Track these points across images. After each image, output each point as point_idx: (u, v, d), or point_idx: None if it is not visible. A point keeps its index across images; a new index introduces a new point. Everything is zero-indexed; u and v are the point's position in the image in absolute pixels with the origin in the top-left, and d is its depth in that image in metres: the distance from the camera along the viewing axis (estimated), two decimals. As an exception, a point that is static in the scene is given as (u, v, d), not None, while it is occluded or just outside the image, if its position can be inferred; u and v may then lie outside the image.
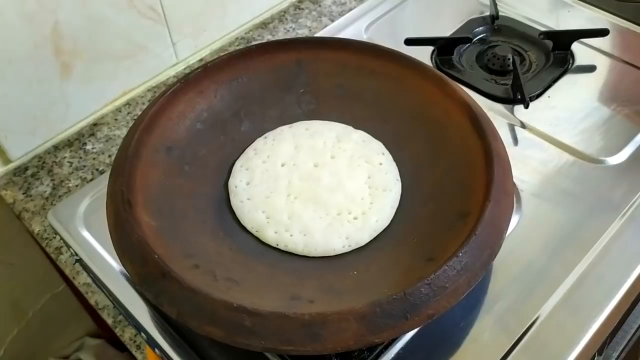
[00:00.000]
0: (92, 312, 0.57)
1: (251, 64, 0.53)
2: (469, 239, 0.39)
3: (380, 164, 0.50)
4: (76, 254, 0.53)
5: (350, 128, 0.53)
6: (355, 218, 0.47)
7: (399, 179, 0.49)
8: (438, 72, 0.52)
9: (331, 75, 0.54)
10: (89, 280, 0.52)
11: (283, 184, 0.49)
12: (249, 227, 0.47)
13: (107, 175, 0.46)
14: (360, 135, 0.52)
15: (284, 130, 0.53)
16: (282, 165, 0.50)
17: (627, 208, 0.52)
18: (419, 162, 0.50)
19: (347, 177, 0.49)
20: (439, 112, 0.50)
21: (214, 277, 0.41)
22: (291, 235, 0.46)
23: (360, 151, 0.51)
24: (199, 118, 0.51)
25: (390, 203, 0.48)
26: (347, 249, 0.46)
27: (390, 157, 0.51)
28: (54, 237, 0.56)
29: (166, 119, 0.49)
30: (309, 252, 0.46)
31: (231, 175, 0.51)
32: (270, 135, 0.53)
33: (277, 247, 0.47)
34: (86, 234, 0.54)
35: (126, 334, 0.50)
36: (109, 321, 0.51)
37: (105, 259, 0.52)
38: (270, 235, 0.47)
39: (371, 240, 0.46)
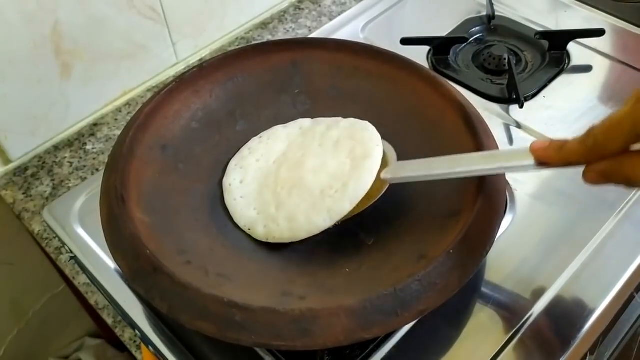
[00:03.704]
0: (92, 312, 0.56)
1: (247, 64, 0.54)
2: (460, 236, 0.39)
3: (363, 136, 0.49)
4: (71, 251, 0.53)
5: (339, 118, 0.52)
6: (336, 191, 0.46)
7: (380, 144, 0.48)
8: (432, 72, 0.52)
9: (326, 75, 0.54)
10: (89, 280, 0.53)
11: (272, 178, 0.49)
12: (241, 224, 0.48)
13: (102, 173, 0.46)
14: (348, 120, 0.51)
15: (279, 130, 0.53)
16: (274, 162, 0.50)
17: (622, 206, 0.52)
18: None
19: (332, 156, 0.48)
20: (433, 112, 0.50)
21: (206, 273, 0.41)
22: (278, 226, 0.46)
23: (346, 132, 0.50)
24: (194, 117, 0.51)
25: (369, 167, 0.46)
26: (329, 223, 0.45)
27: (374, 130, 0.49)
28: (54, 237, 0.56)
29: (161, 118, 0.49)
30: (295, 237, 0.46)
31: (225, 173, 0.51)
32: (264, 134, 0.53)
33: (267, 241, 0.47)
34: (81, 232, 0.54)
35: (126, 334, 0.50)
36: (109, 321, 0.51)
37: (100, 257, 0.52)
38: (260, 231, 0.47)
39: (363, 238, 0.46)
